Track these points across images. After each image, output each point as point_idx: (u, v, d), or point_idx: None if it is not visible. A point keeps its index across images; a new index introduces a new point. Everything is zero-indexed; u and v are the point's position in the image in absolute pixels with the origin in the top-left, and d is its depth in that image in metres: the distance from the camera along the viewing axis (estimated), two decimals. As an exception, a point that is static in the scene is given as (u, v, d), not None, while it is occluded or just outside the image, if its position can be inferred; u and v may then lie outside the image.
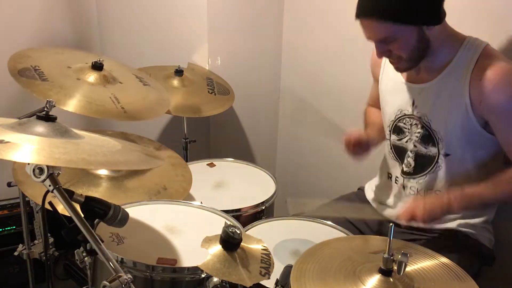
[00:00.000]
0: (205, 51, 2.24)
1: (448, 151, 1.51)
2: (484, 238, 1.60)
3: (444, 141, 1.50)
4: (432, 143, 1.52)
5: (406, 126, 1.58)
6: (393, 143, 1.64)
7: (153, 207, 1.49)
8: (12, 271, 2.11)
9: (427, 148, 1.54)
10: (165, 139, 2.38)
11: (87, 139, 1.12)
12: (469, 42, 1.45)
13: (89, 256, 1.17)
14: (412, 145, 1.57)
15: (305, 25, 2.35)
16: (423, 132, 1.53)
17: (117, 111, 1.54)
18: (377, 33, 1.40)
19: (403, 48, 1.42)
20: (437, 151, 1.52)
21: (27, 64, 1.52)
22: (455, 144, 1.49)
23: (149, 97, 1.74)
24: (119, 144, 1.17)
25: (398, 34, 1.38)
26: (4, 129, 1.03)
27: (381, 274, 1.04)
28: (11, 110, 2.13)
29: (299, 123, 2.51)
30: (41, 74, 1.50)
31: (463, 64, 1.44)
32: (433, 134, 1.51)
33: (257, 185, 1.88)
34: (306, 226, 1.59)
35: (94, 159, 1.02)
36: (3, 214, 2.09)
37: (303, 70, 2.42)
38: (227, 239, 1.12)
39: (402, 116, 1.59)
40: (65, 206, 1.04)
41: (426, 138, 1.53)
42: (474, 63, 1.42)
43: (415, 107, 1.54)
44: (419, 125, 1.54)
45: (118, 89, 1.62)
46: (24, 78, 1.46)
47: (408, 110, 1.56)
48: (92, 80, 1.60)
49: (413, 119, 1.56)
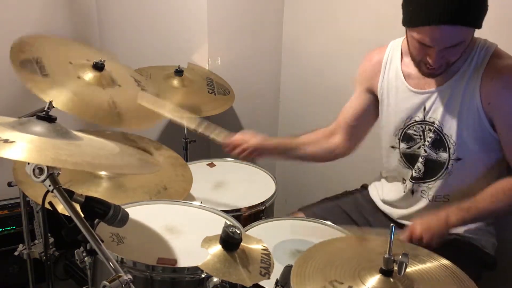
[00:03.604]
0: (205, 51, 2.24)
1: (460, 156, 1.49)
2: (487, 243, 1.59)
3: (456, 145, 1.48)
4: (444, 148, 1.51)
5: (416, 133, 1.56)
6: (403, 152, 1.61)
7: (153, 207, 1.49)
8: (12, 271, 2.12)
9: (437, 154, 1.52)
10: (165, 139, 2.38)
11: (86, 141, 1.12)
12: (480, 44, 1.45)
13: (89, 256, 1.17)
14: (422, 150, 1.56)
15: (305, 25, 2.35)
16: (434, 137, 1.52)
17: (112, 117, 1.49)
18: (453, 39, 1.34)
19: (458, 52, 1.38)
20: (448, 156, 1.51)
21: (29, 55, 1.46)
22: (467, 148, 1.48)
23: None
24: (117, 147, 1.17)
25: (467, 39, 1.36)
26: (5, 129, 1.03)
27: (382, 275, 1.04)
28: (11, 110, 2.13)
29: (299, 123, 2.51)
30: (42, 68, 1.45)
31: (475, 67, 1.43)
32: (445, 138, 1.50)
33: (257, 185, 1.88)
34: (306, 226, 1.59)
35: (99, 162, 1.02)
36: (3, 214, 2.09)
37: (303, 70, 2.42)
38: (227, 239, 1.12)
39: (413, 123, 1.56)
40: (65, 206, 1.04)
41: (437, 143, 1.52)
42: (486, 64, 1.42)
43: (427, 112, 1.52)
44: (431, 129, 1.52)
45: (117, 93, 1.58)
46: (24, 72, 1.41)
47: (419, 116, 1.54)
48: (91, 81, 1.57)
49: (426, 125, 1.54)
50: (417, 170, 1.58)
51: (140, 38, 2.40)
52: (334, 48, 2.25)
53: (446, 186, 1.54)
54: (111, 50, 2.50)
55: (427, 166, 1.56)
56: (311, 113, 2.43)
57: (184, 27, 2.26)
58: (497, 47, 1.45)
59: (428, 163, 1.55)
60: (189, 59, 2.26)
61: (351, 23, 2.15)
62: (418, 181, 1.59)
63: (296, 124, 2.53)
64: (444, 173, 1.53)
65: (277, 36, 2.45)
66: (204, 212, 1.50)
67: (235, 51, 2.34)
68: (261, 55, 2.43)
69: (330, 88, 2.30)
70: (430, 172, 1.56)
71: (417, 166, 1.58)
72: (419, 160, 1.57)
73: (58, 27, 2.36)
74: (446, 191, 1.55)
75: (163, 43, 2.33)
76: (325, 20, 2.26)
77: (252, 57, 2.41)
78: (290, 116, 2.56)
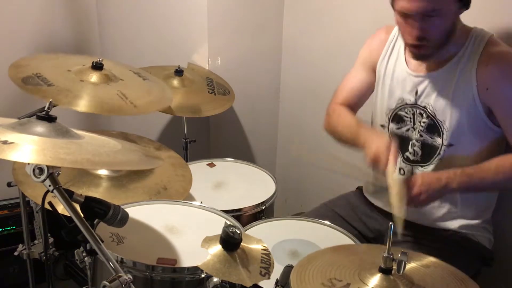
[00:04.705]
0: (205, 51, 2.24)
1: (452, 142, 1.50)
2: (484, 239, 1.59)
3: (449, 131, 1.49)
4: (438, 133, 1.52)
5: (407, 115, 1.57)
6: (392, 131, 1.62)
7: (153, 207, 1.49)
8: (12, 271, 2.12)
9: (432, 138, 1.53)
10: (165, 139, 2.38)
11: (88, 139, 1.13)
12: (475, 33, 1.47)
13: (89, 256, 1.17)
14: (418, 134, 1.56)
15: (305, 25, 2.35)
16: (428, 121, 1.53)
17: (127, 106, 1.57)
18: (427, 3, 1.35)
19: (439, 26, 1.39)
20: (441, 141, 1.51)
21: (28, 72, 1.54)
22: (460, 134, 1.49)
23: (153, 90, 1.75)
24: (119, 144, 1.17)
25: (444, 9, 1.36)
26: (6, 129, 1.03)
27: (381, 273, 1.04)
28: (11, 110, 2.13)
29: (299, 123, 2.51)
30: (45, 80, 1.52)
31: (470, 53, 1.45)
32: (438, 124, 1.51)
33: (257, 185, 1.88)
34: (306, 226, 1.59)
35: (99, 160, 1.02)
36: (3, 214, 2.09)
37: (303, 70, 2.42)
38: (227, 239, 1.12)
39: (404, 106, 1.57)
40: (65, 206, 1.04)
41: (432, 128, 1.53)
42: (481, 51, 1.43)
43: (418, 96, 1.54)
44: (424, 114, 1.53)
45: (122, 86, 1.64)
46: (30, 86, 1.49)
47: (411, 99, 1.55)
48: (95, 80, 1.62)
49: (417, 109, 1.54)
50: (414, 153, 1.58)
51: (140, 38, 2.40)
52: (334, 48, 2.25)
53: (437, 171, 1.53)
54: (111, 50, 2.50)
55: (424, 149, 1.56)
56: (311, 113, 2.42)
57: (184, 27, 2.26)
58: (492, 35, 1.46)
59: (424, 147, 1.56)
60: (189, 59, 2.26)
61: (351, 23, 2.15)
62: (415, 163, 1.59)
63: (296, 124, 2.53)
64: (437, 158, 1.54)
65: (277, 36, 2.45)
66: (204, 212, 1.50)
67: (235, 51, 2.35)
68: (261, 55, 2.43)
69: (330, 88, 2.28)
70: (427, 155, 1.56)
71: (413, 150, 1.58)
72: (414, 143, 1.57)
73: (58, 27, 2.36)
74: None
75: (163, 43, 2.33)
76: (325, 20, 2.26)
77: (252, 57, 2.41)
78: (290, 116, 2.56)
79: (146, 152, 1.31)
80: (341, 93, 1.75)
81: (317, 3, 2.28)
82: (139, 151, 1.27)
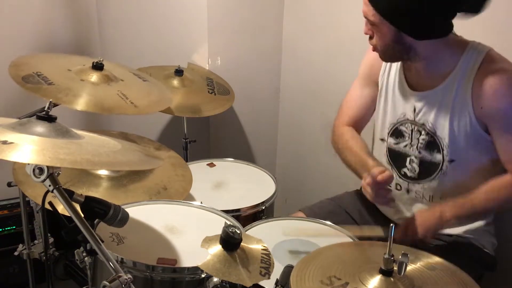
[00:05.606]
0: (205, 51, 2.24)
1: (453, 157, 1.49)
2: (487, 243, 1.59)
3: (449, 147, 1.48)
4: (437, 149, 1.51)
5: (407, 131, 1.57)
6: (389, 146, 1.62)
7: (153, 207, 1.49)
8: (12, 271, 2.11)
9: (432, 155, 1.52)
10: (165, 139, 2.38)
11: (88, 139, 1.12)
12: (471, 47, 1.44)
13: (89, 256, 1.17)
14: (416, 151, 1.55)
15: (305, 25, 2.35)
16: (427, 138, 1.52)
17: (128, 106, 1.58)
18: (367, 13, 1.42)
19: (380, 38, 1.44)
20: (442, 157, 1.51)
21: (28, 71, 1.54)
22: (460, 150, 1.48)
23: (153, 91, 1.76)
24: (119, 144, 1.17)
25: (380, 25, 1.40)
26: (6, 130, 1.03)
27: (382, 275, 1.04)
28: (11, 110, 2.13)
29: (299, 123, 2.51)
30: (45, 78, 1.53)
31: (466, 70, 1.43)
32: (438, 141, 1.50)
33: (257, 185, 1.88)
34: (306, 227, 1.59)
35: (98, 160, 1.02)
36: (3, 214, 2.09)
37: (303, 70, 2.42)
38: (227, 239, 1.12)
39: (405, 120, 1.57)
40: (65, 206, 1.04)
41: (431, 144, 1.52)
42: (477, 68, 1.41)
43: (416, 114, 1.53)
44: (422, 131, 1.53)
45: (122, 86, 1.65)
46: (30, 84, 1.49)
47: (410, 116, 1.55)
48: (95, 80, 1.62)
49: (415, 125, 1.54)
50: (412, 170, 1.58)
51: (140, 38, 2.40)
52: (334, 48, 2.25)
53: (441, 186, 1.54)
54: (111, 50, 2.50)
55: (422, 166, 1.56)
56: (311, 113, 2.43)
57: (184, 27, 2.26)
58: (490, 50, 1.43)
59: (423, 164, 1.55)
60: (189, 59, 2.26)
61: (351, 23, 2.15)
62: (412, 180, 1.59)
63: (296, 124, 2.53)
64: (439, 174, 1.53)
65: (277, 36, 2.45)
66: (204, 212, 1.50)
67: (235, 51, 2.34)
68: (261, 55, 2.43)
69: (330, 88, 2.30)
70: (426, 172, 1.56)
71: (411, 166, 1.58)
72: (413, 160, 1.57)
73: (58, 27, 2.36)
74: (441, 191, 1.55)
75: (163, 43, 2.33)
76: (325, 20, 2.26)
77: (252, 57, 2.41)
78: (290, 116, 2.56)
79: (146, 152, 1.31)
80: (347, 112, 1.74)
81: (317, 3, 2.28)
82: (139, 151, 1.27)
